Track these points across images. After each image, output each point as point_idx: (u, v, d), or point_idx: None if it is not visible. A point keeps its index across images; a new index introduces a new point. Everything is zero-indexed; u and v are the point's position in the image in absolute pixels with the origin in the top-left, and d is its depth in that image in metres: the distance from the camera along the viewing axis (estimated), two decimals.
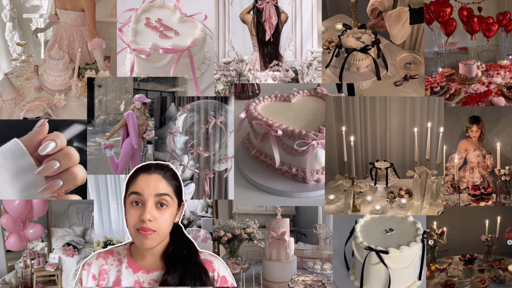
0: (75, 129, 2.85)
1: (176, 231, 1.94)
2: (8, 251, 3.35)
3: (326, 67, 3.06)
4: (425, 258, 2.65)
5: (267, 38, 3.12)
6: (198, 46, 3.07)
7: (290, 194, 2.65)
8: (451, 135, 3.23)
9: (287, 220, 3.33)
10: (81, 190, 1.61)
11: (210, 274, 1.92)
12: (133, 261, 1.91)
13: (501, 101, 3.12)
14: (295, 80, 3.09)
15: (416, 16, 3.10)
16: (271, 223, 3.30)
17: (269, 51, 3.15)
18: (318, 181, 2.70)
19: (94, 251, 3.04)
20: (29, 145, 1.47)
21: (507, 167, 2.97)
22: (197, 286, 1.87)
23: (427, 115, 2.98)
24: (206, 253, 1.98)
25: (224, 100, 2.91)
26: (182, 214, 1.98)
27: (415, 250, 2.52)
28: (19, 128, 2.87)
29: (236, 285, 1.98)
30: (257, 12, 3.10)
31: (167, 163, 1.94)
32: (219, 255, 2.58)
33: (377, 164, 2.82)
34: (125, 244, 1.99)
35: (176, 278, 1.86)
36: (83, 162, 2.15)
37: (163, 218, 1.82)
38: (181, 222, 1.95)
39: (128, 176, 1.88)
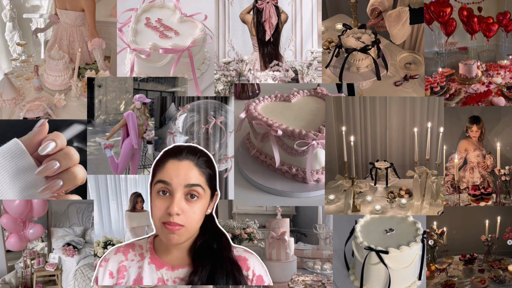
0: (75, 129, 2.85)
1: (207, 222, 1.72)
2: (8, 251, 3.35)
3: (326, 67, 3.06)
4: (425, 258, 2.65)
5: (267, 38, 3.12)
6: (198, 46, 3.07)
7: (290, 194, 2.65)
8: (451, 135, 3.23)
9: (287, 220, 3.33)
10: (81, 190, 1.60)
11: (244, 272, 1.70)
12: (157, 257, 1.70)
13: (501, 101, 3.12)
14: (295, 80, 3.09)
15: (416, 16, 3.10)
16: (271, 223, 3.30)
17: (269, 51, 3.15)
18: (318, 181, 2.70)
19: (94, 251, 3.04)
20: (29, 145, 1.47)
21: (507, 167, 2.97)
22: (229, 284, 1.65)
23: (427, 115, 2.98)
24: (240, 249, 1.76)
25: (224, 100, 2.91)
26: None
27: (415, 250, 2.52)
28: (19, 128, 2.88)
29: (272, 284, 1.78)
30: (257, 12, 3.10)
31: (201, 147, 1.70)
32: None
33: (377, 164, 2.82)
34: (149, 236, 1.77)
35: (204, 277, 1.64)
36: (83, 162, 2.15)
37: (193, 212, 1.61)
38: None
39: (155, 160, 1.66)
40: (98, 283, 1.71)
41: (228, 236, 1.77)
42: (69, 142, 2.07)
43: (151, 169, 1.67)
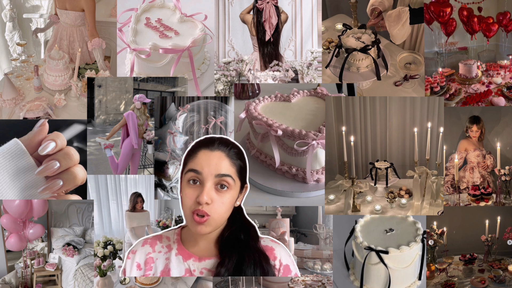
0: (75, 129, 2.85)
1: (235, 213, 1.73)
2: (8, 251, 3.35)
3: (326, 67, 3.06)
4: (425, 258, 2.65)
5: (267, 38, 3.12)
6: (198, 46, 3.07)
7: (290, 194, 2.65)
8: (451, 135, 3.23)
9: (287, 220, 3.33)
10: (81, 190, 1.60)
11: (271, 262, 1.71)
12: (184, 248, 1.72)
13: (501, 101, 3.12)
14: (295, 80, 3.09)
15: (416, 16, 3.10)
16: (271, 223, 3.30)
17: (269, 51, 3.15)
18: (318, 181, 2.70)
19: (94, 251, 3.04)
20: (29, 145, 1.47)
21: (507, 167, 2.97)
22: (257, 274, 1.66)
23: (427, 115, 2.99)
24: (267, 239, 1.78)
25: (224, 100, 2.91)
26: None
27: (415, 250, 2.52)
28: (19, 128, 2.88)
29: (300, 275, 1.85)
30: (257, 12, 3.10)
31: (231, 139, 1.71)
32: None
33: (377, 164, 2.82)
34: (176, 228, 1.79)
35: (231, 268, 1.65)
36: (83, 162, 2.15)
37: (221, 202, 1.63)
38: (180, 223, 1.90)
39: (187, 150, 1.68)
40: (126, 274, 1.76)
41: (257, 227, 1.77)
42: (69, 142, 2.07)
43: (182, 159, 1.69)
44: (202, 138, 1.69)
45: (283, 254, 1.75)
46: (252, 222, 1.77)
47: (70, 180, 1.50)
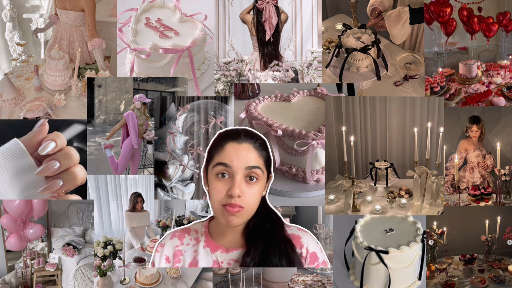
0: (75, 129, 2.85)
1: (260, 203, 1.74)
2: (8, 251, 3.35)
3: (326, 67, 3.06)
4: (425, 258, 2.65)
5: (267, 38, 3.12)
6: (198, 46, 3.07)
7: (290, 194, 2.65)
8: (451, 135, 3.23)
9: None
10: (81, 190, 1.60)
11: (298, 250, 1.71)
12: (212, 240, 1.75)
13: (501, 101, 3.12)
14: (295, 80, 3.09)
15: (416, 16, 3.10)
16: None
17: (269, 51, 3.15)
18: (318, 181, 2.70)
19: (94, 251, 3.04)
20: (29, 145, 1.47)
21: (507, 167, 2.97)
22: (282, 263, 1.67)
23: (427, 115, 2.99)
24: (294, 227, 1.79)
25: (224, 100, 2.91)
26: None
27: (415, 250, 2.52)
28: (19, 128, 2.88)
29: (329, 265, 1.79)
30: (257, 12, 3.10)
31: (255, 131, 1.71)
32: None
33: (377, 164, 2.82)
34: (204, 221, 1.81)
35: (256, 257, 1.66)
36: (83, 162, 2.15)
37: (252, 193, 1.65)
38: (180, 222, 1.93)
39: (211, 142, 1.70)
40: (155, 266, 1.79)
41: (280, 214, 1.78)
42: (69, 142, 2.07)
43: (206, 152, 1.70)
44: (225, 130, 1.71)
45: (310, 242, 1.75)
46: (275, 210, 1.77)
47: (70, 180, 1.50)
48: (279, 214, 1.78)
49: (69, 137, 2.81)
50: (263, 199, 1.75)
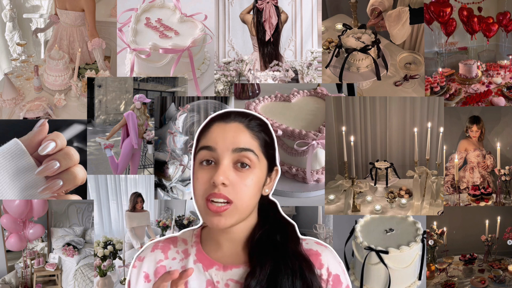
0: (75, 129, 2.85)
1: (268, 209, 1.38)
2: (8, 251, 3.35)
3: (326, 67, 3.06)
4: (425, 258, 2.65)
5: (267, 38, 3.12)
6: (198, 46, 3.07)
7: (290, 194, 2.65)
8: (451, 135, 3.23)
9: None
10: (81, 190, 1.60)
11: (317, 271, 1.30)
12: (205, 253, 1.33)
13: (501, 101, 3.12)
14: (295, 80, 3.09)
15: (416, 16, 3.10)
16: None
17: (269, 51, 3.15)
18: (318, 181, 2.70)
19: (94, 251, 3.04)
20: (29, 145, 1.47)
21: (507, 167, 2.97)
22: (297, 286, 1.25)
23: (427, 115, 2.99)
24: (311, 241, 1.38)
25: (224, 100, 2.91)
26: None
27: (415, 250, 2.52)
28: (19, 128, 2.88)
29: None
30: (257, 12, 3.10)
31: (251, 111, 1.36)
32: None
33: (377, 164, 2.82)
34: (194, 228, 1.42)
35: (264, 279, 1.24)
36: (83, 162, 2.15)
37: (244, 184, 1.25)
38: (180, 222, 1.81)
39: (199, 127, 1.35)
40: (131, 287, 1.36)
41: (296, 226, 1.40)
42: (69, 142, 2.07)
43: (194, 140, 1.37)
44: (216, 113, 1.35)
45: (331, 261, 1.33)
46: (290, 220, 1.40)
47: (70, 180, 1.50)
48: (293, 223, 1.40)
49: (69, 137, 2.81)
50: (274, 205, 1.42)
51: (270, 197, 1.42)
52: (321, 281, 1.30)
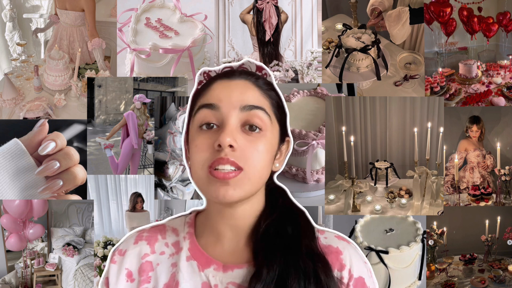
0: (75, 129, 2.85)
1: (275, 194, 1.18)
2: (8, 251, 3.35)
3: (326, 67, 3.06)
4: (425, 258, 2.65)
5: (267, 38, 3.12)
6: (198, 46, 3.07)
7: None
8: (451, 135, 3.23)
9: None
10: (81, 190, 1.60)
11: (336, 273, 1.07)
12: (201, 248, 1.08)
13: (501, 101, 3.12)
14: (295, 80, 3.09)
15: (416, 16, 3.10)
16: None
17: (269, 51, 3.15)
18: (318, 181, 2.70)
19: (94, 251, 3.04)
20: (29, 145, 1.47)
21: (507, 167, 2.97)
22: None
23: (427, 115, 2.98)
24: (330, 234, 1.15)
25: None
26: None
27: (415, 250, 2.52)
28: (19, 128, 2.87)
29: None
30: (257, 12, 3.10)
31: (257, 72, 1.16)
32: None
33: (377, 164, 2.82)
34: (187, 215, 1.17)
35: (271, 283, 1.00)
36: (83, 162, 2.14)
37: (255, 149, 1.03)
38: None
39: (194, 88, 1.14)
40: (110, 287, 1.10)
41: (308, 214, 1.17)
42: (69, 142, 2.07)
43: (189, 102, 1.14)
44: (214, 68, 1.14)
45: (355, 260, 1.12)
46: (302, 207, 1.19)
47: (70, 180, 1.50)
48: (305, 211, 1.18)
49: (69, 137, 2.81)
50: (282, 191, 1.20)
51: (275, 180, 1.20)
52: (341, 285, 1.08)
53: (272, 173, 1.16)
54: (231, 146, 1.00)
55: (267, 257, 1.03)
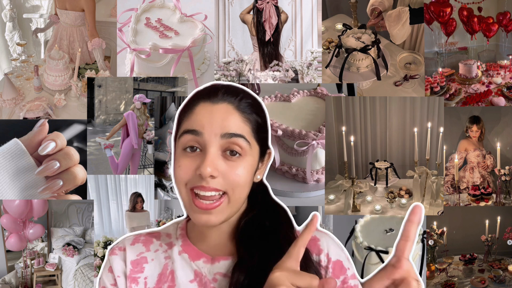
0: (75, 129, 2.85)
1: (256, 192, 1.22)
2: (8, 251, 3.35)
3: (326, 67, 3.06)
4: (425, 258, 2.65)
5: (267, 38, 3.12)
6: (198, 46, 3.07)
7: (290, 194, 2.65)
8: (451, 135, 3.23)
9: None
10: (81, 190, 1.60)
11: (314, 257, 1.17)
12: (191, 243, 1.21)
13: (501, 101, 3.12)
14: (295, 80, 3.09)
15: (416, 16, 3.10)
16: None
17: (269, 51, 3.15)
18: (318, 181, 2.70)
19: (94, 251, 3.04)
20: (29, 145, 1.47)
21: (507, 167, 2.97)
22: None
23: (427, 115, 2.99)
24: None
25: None
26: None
27: (415, 250, 2.52)
28: (19, 128, 2.87)
29: (361, 279, 1.24)
30: (257, 12, 3.10)
31: (242, 86, 1.21)
32: None
33: (377, 164, 2.82)
34: (179, 221, 1.29)
35: (253, 271, 1.10)
36: (83, 162, 2.14)
37: (235, 174, 1.11)
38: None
39: (181, 105, 1.21)
40: (115, 272, 1.21)
41: (288, 210, 1.24)
42: (69, 142, 2.07)
43: (175, 120, 1.20)
44: (202, 87, 1.21)
45: (331, 246, 1.20)
46: (281, 203, 1.24)
47: (70, 180, 1.50)
48: (284, 207, 1.24)
49: (69, 137, 2.81)
50: (262, 186, 1.24)
51: (264, 180, 1.25)
52: (320, 268, 1.16)
53: (254, 183, 1.21)
54: (211, 176, 1.09)
55: (249, 248, 1.14)
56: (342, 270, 1.19)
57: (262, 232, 1.17)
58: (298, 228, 1.24)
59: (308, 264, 1.13)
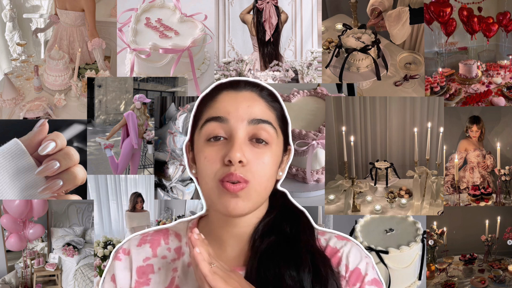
0: (75, 129, 2.85)
1: (274, 194, 1.17)
2: (8, 251, 3.35)
3: (326, 67, 3.06)
4: (425, 258, 2.65)
5: (267, 38, 3.12)
6: (198, 46, 3.07)
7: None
8: (451, 135, 3.23)
9: None
10: (81, 190, 1.60)
11: (335, 268, 1.10)
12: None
13: (501, 101, 3.12)
14: (295, 80, 3.09)
15: (416, 16, 3.10)
16: None
17: (269, 51, 3.15)
18: (318, 181, 2.70)
19: (94, 251, 3.04)
20: (29, 145, 1.47)
21: (507, 167, 2.97)
22: (302, 278, 1.03)
23: (427, 115, 2.99)
24: (331, 235, 1.17)
25: None
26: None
27: (415, 250, 2.52)
28: (19, 128, 2.87)
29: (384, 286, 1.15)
30: (257, 12, 3.10)
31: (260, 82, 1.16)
32: None
33: (377, 164, 2.82)
34: (190, 220, 1.19)
35: (266, 280, 1.03)
36: (83, 162, 2.14)
37: (262, 163, 1.05)
38: None
39: (198, 98, 1.15)
40: (117, 281, 1.13)
41: (308, 215, 1.19)
42: (69, 142, 2.07)
43: (193, 112, 1.15)
44: (219, 82, 1.15)
45: (351, 255, 1.12)
46: (302, 208, 1.21)
47: (70, 180, 1.50)
48: (306, 213, 1.19)
49: (69, 137, 2.81)
50: (282, 192, 1.21)
51: (279, 187, 1.21)
52: (341, 278, 1.09)
53: (276, 181, 1.18)
54: (240, 161, 1.03)
55: (265, 256, 1.06)
56: (359, 278, 1.10)
57: (282, 237, 1.09)
58: (320, 229, 1.19)
59: (328, 274, 1.06)
